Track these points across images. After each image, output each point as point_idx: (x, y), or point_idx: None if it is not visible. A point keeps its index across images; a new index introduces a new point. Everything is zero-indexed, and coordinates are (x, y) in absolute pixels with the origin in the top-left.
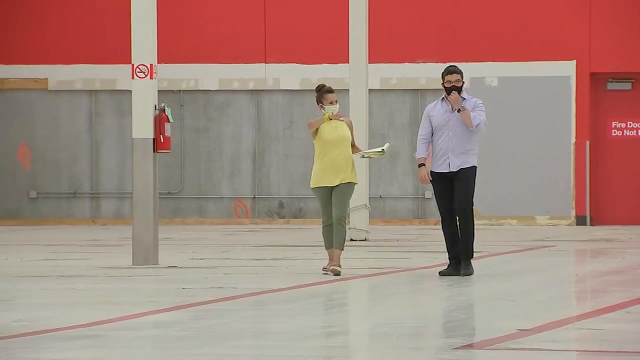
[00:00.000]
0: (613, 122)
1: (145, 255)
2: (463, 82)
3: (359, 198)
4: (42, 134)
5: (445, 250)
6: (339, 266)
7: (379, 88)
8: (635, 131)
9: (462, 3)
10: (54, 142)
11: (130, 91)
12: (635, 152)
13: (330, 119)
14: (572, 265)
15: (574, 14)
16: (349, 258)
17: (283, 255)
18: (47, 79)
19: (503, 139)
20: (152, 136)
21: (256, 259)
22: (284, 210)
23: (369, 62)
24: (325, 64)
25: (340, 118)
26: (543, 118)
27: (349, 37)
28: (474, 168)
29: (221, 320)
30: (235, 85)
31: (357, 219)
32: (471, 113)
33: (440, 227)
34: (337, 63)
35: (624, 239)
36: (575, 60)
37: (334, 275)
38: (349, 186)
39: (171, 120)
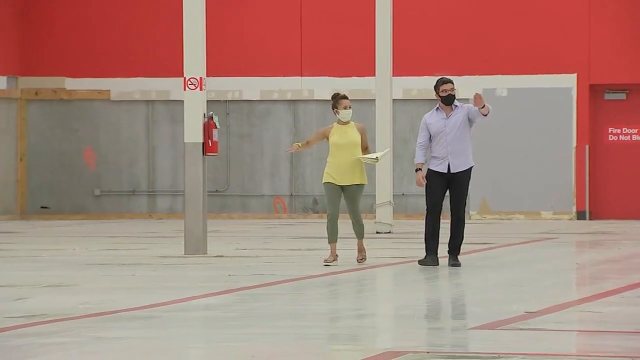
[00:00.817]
0: (610, 128)
1: (196, 246)
2: (454, 91)
3: (384, 195)
4: (105, 139)
5: (425, 241)
6: (365, 255)
7: (402, 98)
8: (629, 136)
9: (476, 23)
10: (115, 146)
11: (182, 101)
12: (629, 154)
13: (300, 147)
14: (573, 255)
15: (575, 33)
16: (376, 248)
17: (317, 246)
18: (109, 90)
19: (512, 143)
20: (201, 141)
21: (293, 249)
22: (318, 206)
23: (393, 75)
24: (354, 77)
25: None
26: (547, 124)
27: (375, 53)
28: (471, 169)
29: (263, 303)
30: (275, 96)
31: (382, 214)
32: (478, 107)
33: (426, 220)
34: (364, 76)
35: (619, 232)
36: (576, 74)
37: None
38: (359, 187)
39: (218, 126)
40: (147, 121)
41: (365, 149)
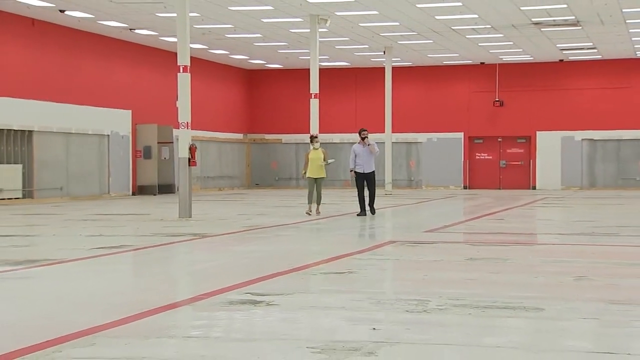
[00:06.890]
0: (476, 154)
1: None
2: (367, 135)
3: (389, 178)
4: (280, 158)
5: (359, 204)
6: (319, 213)
7: (395, 142)
8: (484, 157)
9: (423, 109)
10: (284, 161)
11: (308, 143)
12: (484, 165)
13: (305, 172)
14: (462, 202)
15: (463, 117)
16: (385, 201)
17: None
18: (282, 139)
19: (437, 161)
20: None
21: (353, 201)
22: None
23: (392, 132)
24: (377, 133)
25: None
26: (450, 153)
27: (385, 121)
28: (374, 171)
29: (336, 223)
30: (345, 140)
31: (388, 187)
32: (374, 147)
33: (357, 195)
34: (381, 133)
35: (480, 194)
36: (463, 132)
37: (316, 215)
38: (322, 179)
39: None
40: (296, 151)
41: (324, 160)
